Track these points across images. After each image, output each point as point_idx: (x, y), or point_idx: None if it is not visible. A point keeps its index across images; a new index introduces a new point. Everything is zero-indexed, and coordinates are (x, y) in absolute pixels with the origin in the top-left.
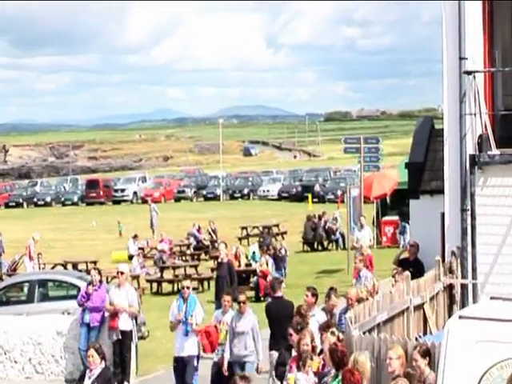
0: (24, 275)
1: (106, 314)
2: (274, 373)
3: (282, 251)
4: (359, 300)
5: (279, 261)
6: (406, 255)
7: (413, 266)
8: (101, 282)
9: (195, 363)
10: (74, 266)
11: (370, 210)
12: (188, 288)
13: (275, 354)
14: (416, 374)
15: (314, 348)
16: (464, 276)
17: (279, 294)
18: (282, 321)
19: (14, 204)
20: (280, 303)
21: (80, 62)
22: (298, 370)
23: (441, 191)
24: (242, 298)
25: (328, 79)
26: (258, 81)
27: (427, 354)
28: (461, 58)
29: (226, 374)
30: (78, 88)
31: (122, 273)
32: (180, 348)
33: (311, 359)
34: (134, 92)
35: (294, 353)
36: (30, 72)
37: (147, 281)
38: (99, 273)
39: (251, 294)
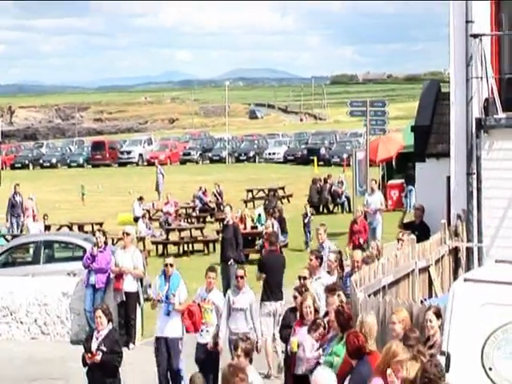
0: (30, 236)
1: (112, 276)
2: (274, 332)
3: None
4: (366, 261)
5: (284, 224)
6: (410, 218)
7: (418, 230)
8: (106, 243)
9: (180, 346)
10: (80, 228)
11: (375, 174)
12: (171, 266)
13: (268, 304)
14: (413, 336)
15: (316, 310)
16: (469, 239)
17: (274, 247)
18: (275, 273)
19: (19, 165)
20: (274, 256)
21: (87, 25)
22: (309, 333)
23: (447, 154)
24: (239, 272)
25: (334, 43)
26: (265, 44)
27: (439, 315)
28: (467, 22)
29: (221, 352)
30: (85, 50)
31: (127, 234)
32: (162, 328)
33: (314, 323)
34: (140, 54)
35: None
36: (36, 34)
37: (153, 243)
38: (104, 235)
39: (256, 256)
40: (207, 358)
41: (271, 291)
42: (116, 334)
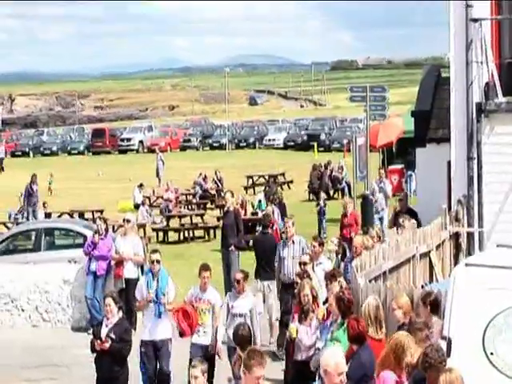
0: (30, 224)
1: (112, 263)
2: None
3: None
4: (367, 247)
5: (284, 210)
6: (412, 204)
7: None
8: (107, 231)
9: (170, 347)
10: (81, 215)
11: (375, 159)
12: (158, 262)
13: (259, 282)
14: (421, 321)
15: (314, 297)
16: (470, 224)
17: (266, 230)
18: (267, 253)
19: (20, 153)
20: (266, 237)
21: (85, 12)
22: (300, 322)
23: (447, 139)
24: (238, 276)
25: (334, 28)
26: (264, 30)
27: (435, 302)
28: (467, 6)
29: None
30: (83, 38)
31: (127, 221)
32: (152, 331)
33: (313, 311)
34: (139, 42)
35: None
36: (33, 21)
37: (153, 230)
38: (105, 222)
39: None
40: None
41: (262, 270)
42: (126, 322)
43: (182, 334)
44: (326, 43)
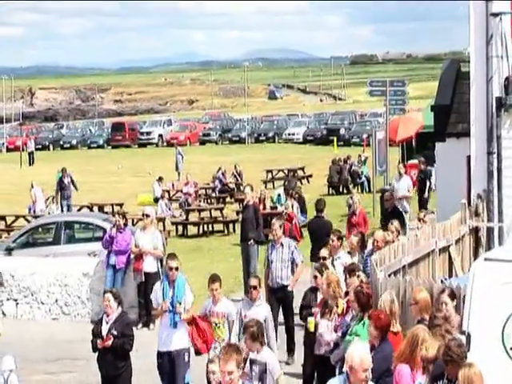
0: (50, 217)
1: (132, 257)
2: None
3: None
4: (388, 242)
5: (304, 204)
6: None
7: (391, 217)
8: (126, 224)
9: (186, 358)
10: (100, 209)
11: (395, 154)
12: (176, 269)
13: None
14: (440, 316)
15: (334, 293)
16: (490, 219)
17: (320, 214)
18: (323, 237)
19: (39, 147)
20: (321, 221)
21: (102, 6)
22: (322, 316)
23: (467, 134)
24: (253, 282)
25: (353, 22)
26: (284, 24)
27: (454, 296)
28: (487, 0)
29: None
30: (102, 32)
31: (147, 215)
32: (167, 342)
33: (337, 306)
34: (158, 36)
35: (319, 295)
36: (51, 15)
37: (173, 223)
38: (123, 217)
39: None
40: None
41: (315, 253)
42: (126, 317)
43: (198, 352)
44: (345, 37)
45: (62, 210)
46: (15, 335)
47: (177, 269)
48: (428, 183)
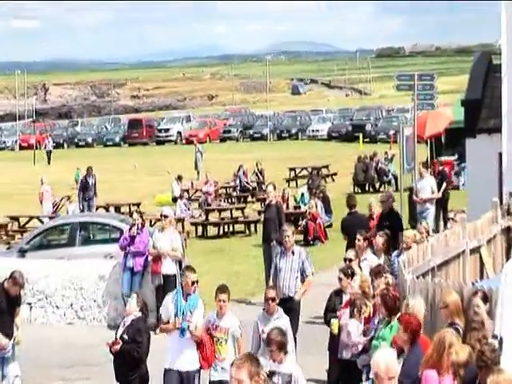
0: (65, 218)
1: (149, 259)
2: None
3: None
4: (417, 242)
5: (328, 203)
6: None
7: (387, 220)
8: (143, 225)
9: (197, 380)
10: (117, 209)
11: (423, 151)
12: (196, 283)
13: None
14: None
15: (366, 293)
16: None
17: (354, 210)
18: (356, 233)
19: (54, 144)
20: (355, 217)
21: None
22: (351, 317)
23: (499, 130)
24: (270, 293)
25: (380, 14)
26: (307, 16)
27: (486, 299)
28: None
29: None
30: (119, 25)
31: (165, 216)
32: (175, 358)
33: (366, 306)
34: (176, 29)
35: (344, 298)
36: (68, 7)
37: (192, 224)
38: (141, 216)
39: (300, 237)
40: None
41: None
42: (141, 323)
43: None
44: (372, 29)
45: (83, 211)
46: (29, 340)
47: (196, 282)
48: (444, 184)
